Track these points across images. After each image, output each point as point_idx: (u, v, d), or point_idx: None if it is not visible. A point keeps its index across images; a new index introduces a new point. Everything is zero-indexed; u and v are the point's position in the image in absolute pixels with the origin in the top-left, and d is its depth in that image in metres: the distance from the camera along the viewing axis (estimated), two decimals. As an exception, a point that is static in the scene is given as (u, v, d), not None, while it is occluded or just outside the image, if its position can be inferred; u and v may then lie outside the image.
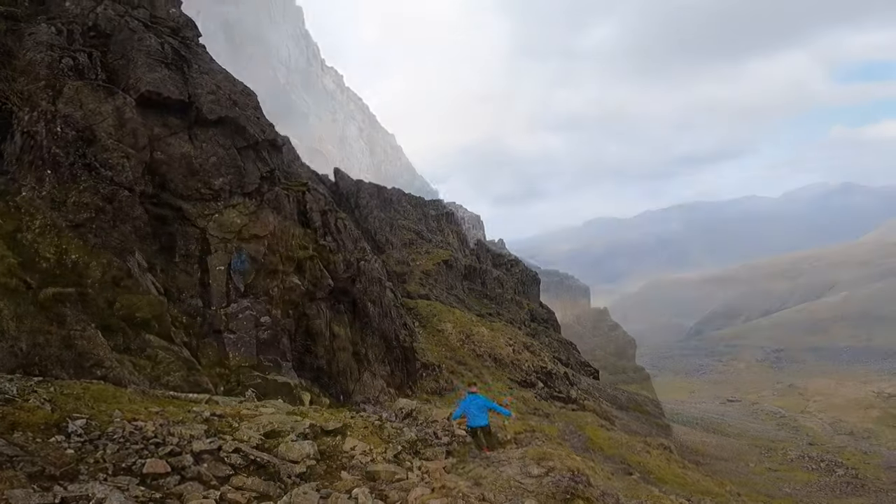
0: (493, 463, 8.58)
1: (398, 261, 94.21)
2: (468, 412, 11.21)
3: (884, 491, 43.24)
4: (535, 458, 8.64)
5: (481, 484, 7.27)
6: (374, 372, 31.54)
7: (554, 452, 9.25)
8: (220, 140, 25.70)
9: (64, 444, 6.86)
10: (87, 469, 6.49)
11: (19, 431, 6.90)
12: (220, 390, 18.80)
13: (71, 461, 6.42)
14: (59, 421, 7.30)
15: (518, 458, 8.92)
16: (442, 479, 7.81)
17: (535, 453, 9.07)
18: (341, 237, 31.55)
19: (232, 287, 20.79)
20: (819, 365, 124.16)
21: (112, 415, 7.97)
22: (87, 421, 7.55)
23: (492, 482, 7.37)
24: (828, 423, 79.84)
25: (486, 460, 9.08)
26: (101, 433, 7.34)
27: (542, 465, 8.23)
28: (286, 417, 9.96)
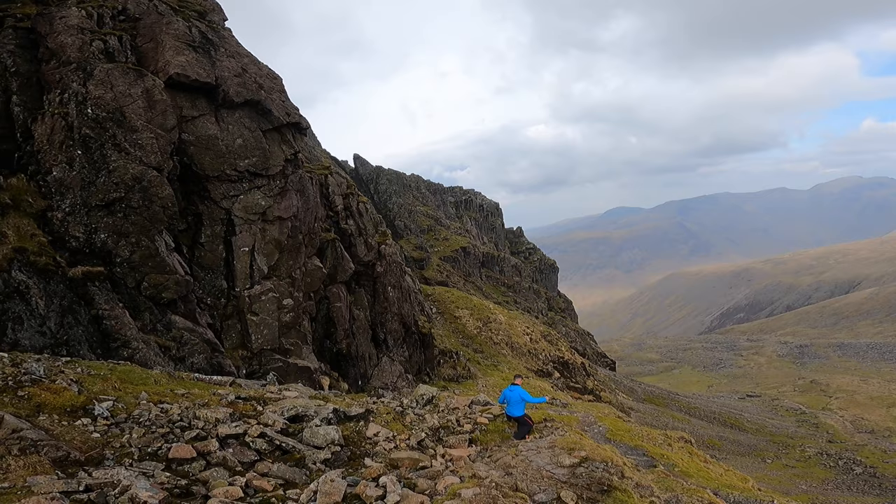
0: (521, 452, 8.34)
1: (416, 246, 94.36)
2: (510, 401, 11.77)
3: None
4: (566, 448, 8.35)
5: (511, 474, 7.04)
6: (393, 357, 31.68)
7: (584, 442, 8.98)
8: (245, 122, 25.72)
9: (90, 428, 6.83)
10: (112, 454, 6.40)
11: (45, 414, 6.83)
12: (243, 373, 19.02)
13: (97, 445, 6.37)
14: (85, 403, 7.27)
15: (547, 447, 8.65)
16: (470, 468, 7.61)
17: (564, 442, 8.79)
18: (363, 220, 31.48)
19: (255, 268, 20.88)
20: (843, 361, 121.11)
21: (139, 397, 7.96)
22: (114, 403, 7.53)
23: (522, 471, 7.14)
24: (849, 420, 77.98)
25: (514, 449, 8.88)
26: (127, 416, 7.31)
27: (574, 455, 7.95)
28: (309, 402, 9.89)
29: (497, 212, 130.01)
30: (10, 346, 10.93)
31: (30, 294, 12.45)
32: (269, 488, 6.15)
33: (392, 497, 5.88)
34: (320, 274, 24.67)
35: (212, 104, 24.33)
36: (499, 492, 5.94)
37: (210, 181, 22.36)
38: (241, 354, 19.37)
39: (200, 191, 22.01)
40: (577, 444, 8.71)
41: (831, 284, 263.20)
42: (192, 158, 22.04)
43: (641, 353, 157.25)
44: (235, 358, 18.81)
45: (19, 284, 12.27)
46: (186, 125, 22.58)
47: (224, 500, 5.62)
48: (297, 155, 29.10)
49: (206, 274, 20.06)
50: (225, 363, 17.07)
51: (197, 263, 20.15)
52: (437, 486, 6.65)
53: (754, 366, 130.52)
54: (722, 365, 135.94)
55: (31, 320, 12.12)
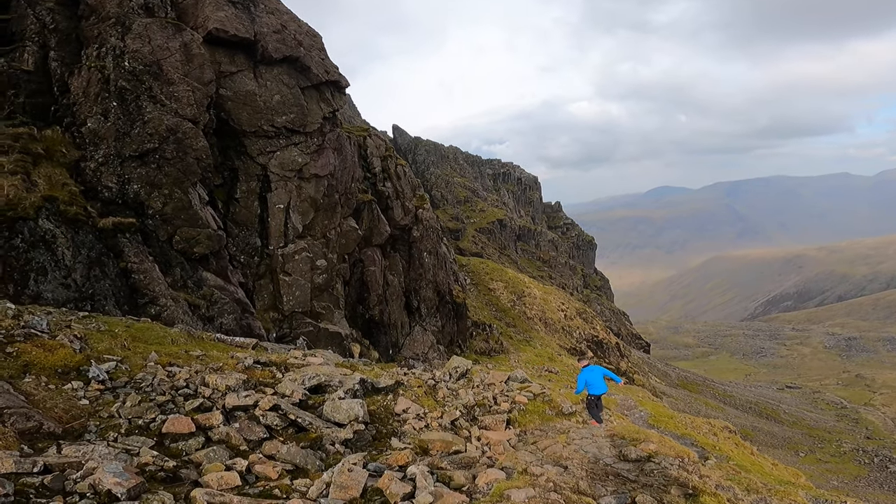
0: (574, 440, 7.23)
1: (452, 217, 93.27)
2: (590, 382, 11.60)
3: None
4: (628, 438, 7.18)
5: (567, 468, 5.97)
6: (425, 326, 31.06)
7: (648, 432, 7.78)
8: (283, 79, 25.07)
9: (79, 393, 6.08)
10: (97, 426, 5.58)
11: (32, 375, 6.10)
12: (273, 336, 18.65)
13: (81, 415, 5.58)
14: (81, 363, 6.55)
15: (604, 436, 7.50)
16: (512, 456, 6.61)
17: (624, 431, 7.60)
18: (400, 183, 30.44)
19: (290, 227, 20.27)
20: (892, 356, 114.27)
21: (147, 357, 7.27)
22: (118, 364, 6.84)
23: (579, 466, 6.07)
24: (891, 417, 73.81)
25: (563, 436, 7.80)
26: (128, 380, 6.58)
27: (641, 448, 6.77)
28: (335, 370, 9.08)
29: (535, 185, 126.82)
30: (31, 299, 10.59)
31: (56, 244, 12.09)
32: (274, 476, 5.24)
33: (423, 497, 4.88)
34: (355, 235, 23.93)
35: (250, 60, 23.78)
36: (560, 495, 4.86)
37: (247, 136, 21.80)
38: (272, 317, 18.98)
39: (237, 146, 21.49)
40: (640, 435, 7.51)
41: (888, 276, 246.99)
42: (229, 113, 21.54)
43: (678, 336, 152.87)
44: (266, 320, 18.42)
45: (45, 233, 11.91)
46: (224, 80, 22.11)
47: (215, 489, 4.72)
48: (336, 113, 28.22)
49: (240, 230, 19.60)
50: (255, 325, 16.64)
51: (231, 219, 19.69)
52: (478, 481, 5.65)
53: (797, 356, 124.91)
54: (763, 354, 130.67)
55: (56, 272, 11.77)
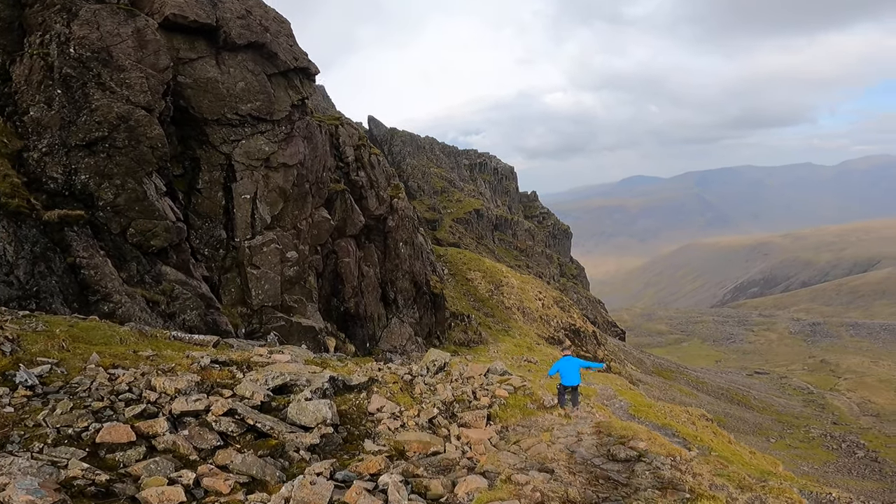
0: (558, 438, 6.80)
1: (429, 207, 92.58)
2: (563, 372, 11.70)
3: None
4: (615, 436, 6.77)
5: (554, 472, 5.51)
6: (402, 318, 30.45)
7: (635, 427, 7.41)
8: (248, 66, 24.08)
9: (3, 401, 5.35)
10: (21, 435, 4.87)
11: None
12: (242, 332, 17.78)
13: (5, 424, 4.88)
14: (7, 367, 5.80)
15: (590, 432, 7.08)
16: (494, 458, 6.12)
17: (610, 428, 7.18)
18: (374, 173, 29.58)
19: (257, 217, 19.32)
20: (855, 342, 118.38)
21: (88, 360, 6.49)
22: (52, 367, 6.06)
23: (567, 468, 5.62)
24: (856, 402, 76.45)
25: (546, 434, 7.38)
26: (62, 384, 5.82)
27: (629, 446, 6.37)
28: (302, 368, 8.43)
29: (512, 175, 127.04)
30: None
31: (-6, 236, 11.02)
32: (226, 490, 4.56)
33: (394, 511, 4.34)
34: (328, 226, 23.08)
35: (212, 46, 22.77)
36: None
37: (209, 125, 20.76)
38: (241, 312, 18.09)
39: (198, 135, 20.43)
40: (627, 431, 7.13)
41: (850, 262, 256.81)
42: (188, 101, 20.53)
43: (651, 323, 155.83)
44: (234, 315, 17.53)
45: (-18, 225, 10.83)
46: (183, 67, 21.11)
47: (154, 506, 4.06)
48: (305, 101, 27.27)
49: (203, 222, 18.57)
50: (221, 321, 15.76)
51: (193, 211, 18.64)
52: (457, 490, 5.12)
53: (764, 342, 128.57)
54: (732, 340, 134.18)
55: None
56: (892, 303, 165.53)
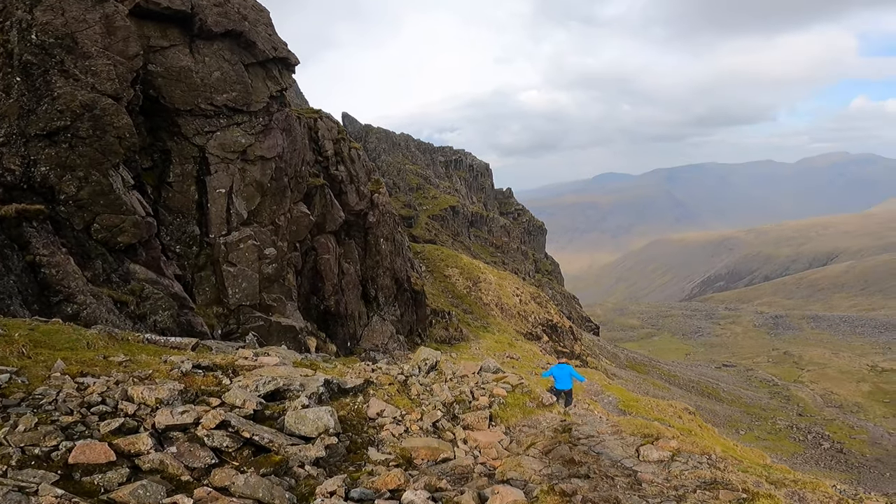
0: (579, 440, 6.36)
1: (405, 204, 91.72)
2: (557, 377, 13.31)
3: (866, 467, 42.44)
4: (639, 434, 6.40)
5: (591, 477, 5.06)
6: (384, 316, 29.75)
7: (655, 426, 7.05)
8: (225, 55, 23.01)
9: None
10: None
11: None
12: (218, 333, 16.84)
13: None
14: (-41, 379, 4.99)
15: (610, 432, 6.66)
16: (516, 464, 5.64)
17: (631, 427, 6.78)
18: (354, 167, 28.72)
19: (233, 213, 18.32)
20: (816, 334, 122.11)
21: (52, 367, 5.70)
22: (12, 377, 5.23)
23: (600, 472, 5.17)
24: (819, 394, 78.68)
25: (564, 434, 6.96)
26: (24, 396, 5.00)
27: (660, 446, 6.00)
28: (293, 371, 7.76)
29: (487, 172, 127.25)
30: None
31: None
32: None
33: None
34: (307, 221, 22.20)
35: (186, 34, 21.68)
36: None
37: (181, 115, 19.67)
38: (216, 312, 17.12)
39: (169, 126, 19.31)
40: (649, 429, 6.76)
41: (810, 256, 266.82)
42: (159, 91, 19.44)
43: (623, 318, 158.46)
44: (209, 316, 16.57)
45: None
46: (154, 56, 20.02)
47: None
48: (284, 92, 26.31)
49: (174, 218, 17.48)
50: (196, 321, 14.82)
51: (164, 206, 17.53)
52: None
53: (731, 335, 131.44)
54: (700, 333, 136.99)
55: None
56: (850, 295, 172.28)
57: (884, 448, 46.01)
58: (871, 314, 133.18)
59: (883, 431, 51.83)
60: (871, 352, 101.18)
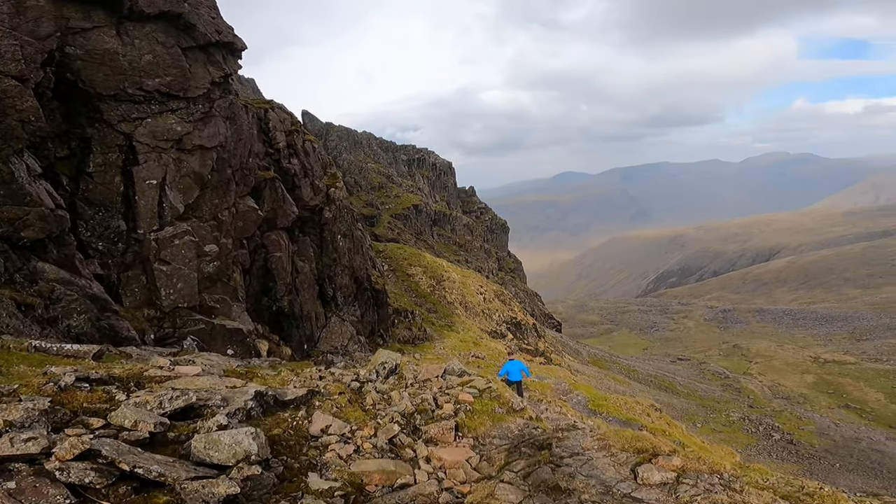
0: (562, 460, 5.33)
1: (367, 203, 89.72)
2: (510, 372, 14.84)
3: (816, 458, 43.69)
4: (630, 449, 5.45)
5: None
6: (343, 317, 28.18)
7: (647, 437, 6.10)
8: (159, 38, 21.07)
9: None
10: None
11: None
12: (150, 338, 15.00)
13: None
14: None
15: (597, 448, 5.64)
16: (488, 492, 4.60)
17: (620, 440, 5.79)
18: (309, 160, 27.02)
19: (167, 206, 16.45)
20: (761, 327, 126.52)
21: None
22: None
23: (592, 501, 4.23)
24: (767, 385, 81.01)
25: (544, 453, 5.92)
26: None
27: (661, 465, 5.03)
28: (218, 382, 6.40)
29: (450, 171, 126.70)
30: None
31: None
32: None
33: None
34: (255, 217, 20.46)
35: (113, 16, 19.69)
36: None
37: (103, 101, 17.73)
38: (147, 315, 15.27)
39: (89, 112, 17.34)
40: (641, 442, 5.82)
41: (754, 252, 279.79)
42: (78, 74, 17.49)
43: (584, 314, 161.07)
44: (139, 319, 14.72)
45: None
46: (74, 38, 18.05)
47: None
48: (229, 79, 24.43)
49: (96, 212, 15.49)
50: (120, 325, 13.02)
51: (83, 198, 15.52)
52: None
53: (684, 329, 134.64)
54: (656, 328, 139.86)
55: None
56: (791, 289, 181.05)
57: (831, 439, 47.71)
58: (812, 307, 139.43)
59: (829, 422, 53.84)
60: (812, 343, 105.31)
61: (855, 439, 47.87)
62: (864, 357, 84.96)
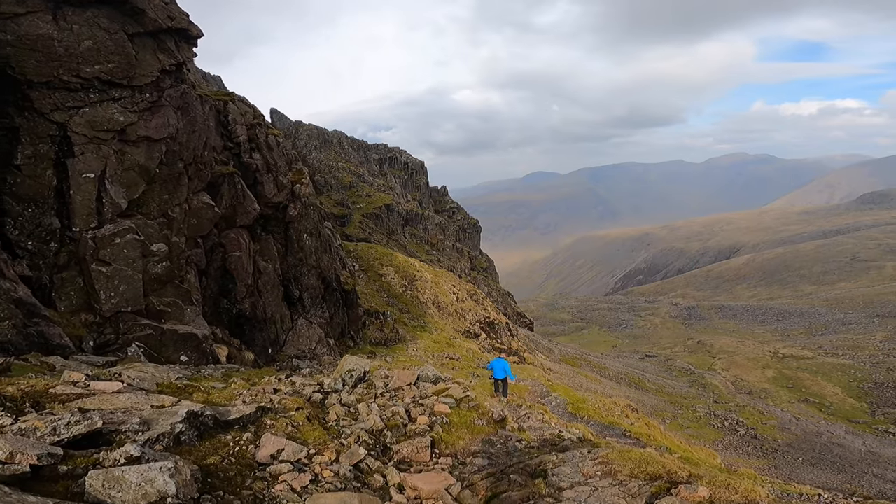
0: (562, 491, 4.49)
1: (337, 202, 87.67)
2: (495, 369, 16.30)
3: (780, 452, 44.43)
4: (641, 477, 4.60)
5: None
6: (311, 319, 26.80)
7: (653, 458, 5.30)
8: (101, 23, 19.49)
9: None
10: None
11: None
12: (89, 345, 13.48)
13: None
14: None
15: (601, 475, 4.75)
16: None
17: (629, 463, 5.00)
18: (272, 155, 25.53)
19: (107, 202, 14.88)
20: (723, 323, 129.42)
21: None
22: None
23: None
24: (730, 381, 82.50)
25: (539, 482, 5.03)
26: None
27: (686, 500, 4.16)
28: (142, 400, 5.27)
29: (422, 170, 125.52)
30: None
31: None
32: None
33: None
34: (211, 214, 18.99)
35: (50, 0, 18.00)
36: None
37: (34, 88, 16.15)
38: (86, 320, 13.75)
39: (18, 100, 15.72)
40: (651, 465, 4.96)
41: (715, 250, 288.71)
42: (6, 60, 15.87)
43: (555, 313, 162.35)
44: (75, 325, 13.19)
45: None
46: (5, 23, 16.55)
47: None
48: (183, 67, 22.81)
49: (25, 208, 13.84)
50: (52, 332, 11.53)
51: (11, 193, 13.86)
52: None
53: (651, 326, 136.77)
54: (625, 325, 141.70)
55: None
56: (750, 286, 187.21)
57: (793, 433, 48.67)
58: (770, 303, 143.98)
59: (790, 417, 55.07)
60: (771, 339, 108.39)
61: (815, 433, 49.05)
62: (820, 352, 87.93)
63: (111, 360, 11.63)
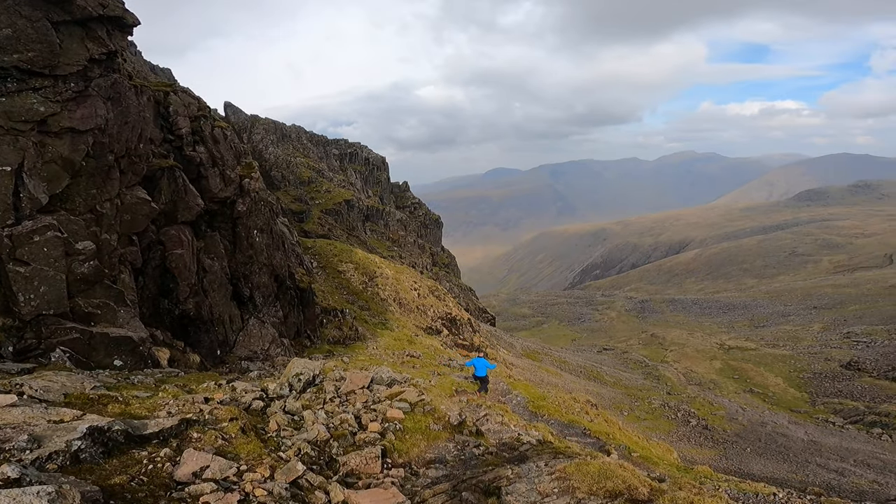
0: None
1: (295, 198, 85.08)
2: (476, 366, 16.91)
3: (729, 443, 46.20)
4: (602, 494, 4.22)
5: None
6: (263, 318, 25.62)
7: (613, 469, 5.01)
8: (22, 10, 17.87)
9: None
10: None
11: None
12: (8, 350, 12.17)
13: None
14: None
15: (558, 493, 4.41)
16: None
17: (588, 479, 4.62)
18: (219, 148, 24.14)
19: (25, 197, 13.48)
20: (674, 316, 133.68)
21: None
22: None
23: None
24: (681, 372, 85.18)
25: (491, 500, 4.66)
26: None
27: None
28: (37, 414, 4.53)
29: (384, 166, 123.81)
30: None
31: None
32: None
33: None
34: (147, 209, 17.65)
35: None
36: None
37: None
38: (4, 324, 12.45)
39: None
40: (612, 481, 4.63)
41: (666, 245, 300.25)
42: None
43: (516, 308, 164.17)
44: (-13, 331, 11.84)
45: None
46: None
47: None
48: (115, 56, 21.26)
49: (-74, 200, 12.30)
50: (-45, 341, 10.23)
51: None
52: None
53: (607, 320, 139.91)
54: (582, 319, 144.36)
55: None
56: (698, 280, 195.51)
57: (741, 423, 50.58)
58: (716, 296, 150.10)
59: (737, 407, 57.28)
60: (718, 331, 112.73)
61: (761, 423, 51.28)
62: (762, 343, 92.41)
63: (28, 367, 10.49)
